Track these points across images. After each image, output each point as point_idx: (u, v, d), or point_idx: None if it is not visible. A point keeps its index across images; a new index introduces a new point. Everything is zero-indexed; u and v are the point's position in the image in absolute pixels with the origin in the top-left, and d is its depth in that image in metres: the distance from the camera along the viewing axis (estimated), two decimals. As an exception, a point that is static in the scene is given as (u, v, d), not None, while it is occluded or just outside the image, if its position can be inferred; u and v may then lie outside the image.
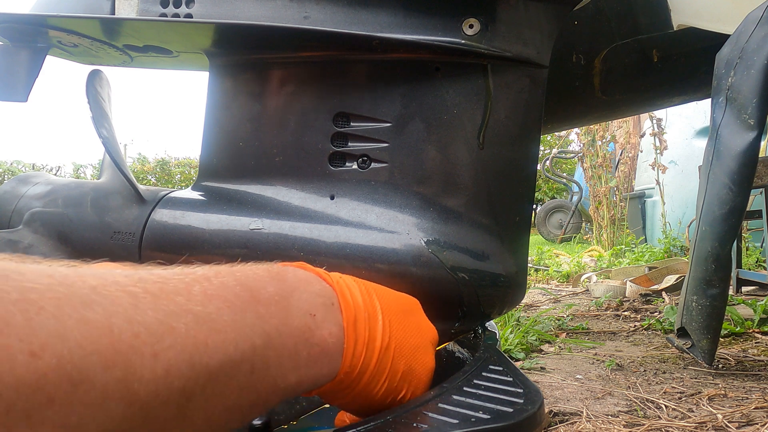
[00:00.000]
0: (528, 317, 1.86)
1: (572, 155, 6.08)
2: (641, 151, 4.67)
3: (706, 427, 0.92)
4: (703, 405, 1.02)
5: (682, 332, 1.17)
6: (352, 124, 0.61)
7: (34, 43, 0.65)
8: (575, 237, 5.63)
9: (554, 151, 6.44)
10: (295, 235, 0.59)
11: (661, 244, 3.57)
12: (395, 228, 0.57)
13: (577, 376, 1.25)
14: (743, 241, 2.47)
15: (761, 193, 1.99)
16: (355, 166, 0.60)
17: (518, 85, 0.60)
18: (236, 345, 0.30)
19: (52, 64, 0.71)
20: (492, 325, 0.69)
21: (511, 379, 0.46)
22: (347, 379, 0.38)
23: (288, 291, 0.36)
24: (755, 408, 0.98)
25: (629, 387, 1.16)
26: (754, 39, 0.88)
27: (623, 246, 4.01)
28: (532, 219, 2.00)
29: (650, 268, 2.70)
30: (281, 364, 0.33)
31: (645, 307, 2.10)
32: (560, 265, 3.42)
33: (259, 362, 0.31)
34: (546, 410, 1.01)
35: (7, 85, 0.63)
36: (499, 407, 0.41)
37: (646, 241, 4.22)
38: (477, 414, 0.39)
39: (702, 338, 1.09)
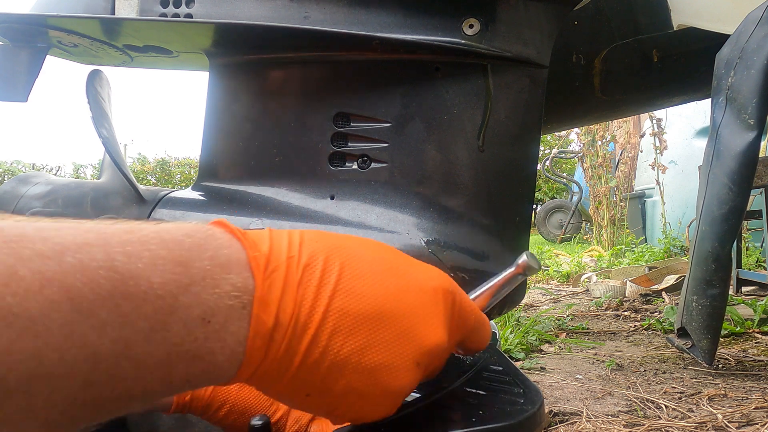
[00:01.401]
0: (528, 317, 1.86)
1: (572, 155, 6.08)
2: (641, 151, 4.67)
3: (706, 427, 0.92)
4: (703, 405, 1.02)
5: (682, 332, 1.17)
6: (352, 124, 0.61)
7: (34, 43, 0.65)
8: (575, 237, 5.63)
9: (554, 151, 6.44)
10: (295, 235, 0.59)
11: (661, 244, 3.57)
12: (395, 228, 0.57)
13: (577, 376, 1.25)
14: (743, 241, 2.47)
15: (761, 193, 1.99)
16: (355, 166, 0.61)
17: (518, 85, 0.60)
18: (62, 354, 0.24)
19: (52, 64, 0.71)
20: (492, 325, 0.69)
21: (511, 379, 0.46)
22: (248, 384, 0.33)
23: (184, 283, 0.28)
24: (755, 408, 0.98)
25: (629, 387, 1.16)
26: (754, 39, 0.88)
27: (623, 246, 4.01)
28: (532, 219, 2.00)
29: (650, 268, 2.70)
30: (140, 376, 0.27)
31: (645, 307, 2.10)
32: (560, 265, 3.42)
33: (103, 373, 0.26)
34: (546, 410, 1.01)
35: (7, 85, 0.63)
36: (499, 407, 0.41)
37: (646, 241, 4.22)
38: (477, 414, 0.40)
39: (702, 338, 1.10)
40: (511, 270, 0.47)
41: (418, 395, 0.50)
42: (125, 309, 0.26)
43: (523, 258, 0.47)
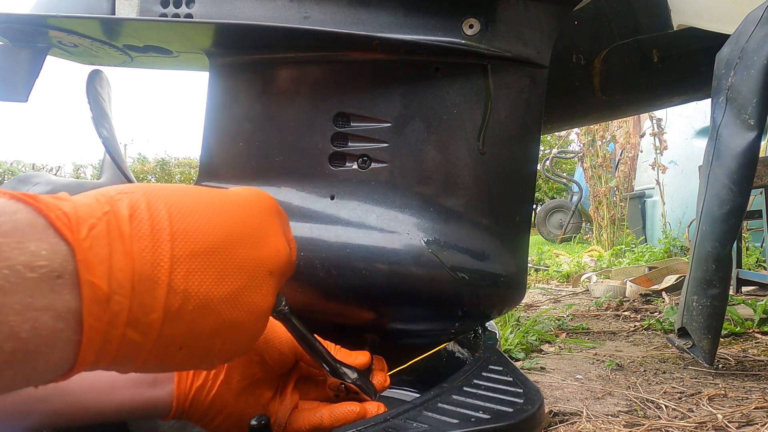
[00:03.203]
0: (528, 317, 1.86)
1: (572, 155, 6.08)
2: (641, 151, 4.67)
3: (706, 427, 0.92)
4: (703, 405, 1.02)
5: (683, 332, 1.17)
6: (352, 124, 0.61)
7: (35, 43, 0.65)
8: (575, 237, 5.63)
9: (554, 151, 6.44)
10: (295, 235, 0.59)
11: (661, 244, 3.57)
12: (395, 228, 0.58)
13: (577, 376, 1.25)
14: (743, 241, 2.47)
15: (761, 193, 1.98)
16: (355, 166, 0.60)
17: (518, 85, 0.60)
18: None
19: (52, 64, 0.71)
20: (492, 325, 0.69)
21: (511, 379, 0.46)
22: (103, 362, 0.29)
23: None
24: (755, 408, 0.98)
25: (629, 387, 1.16)
26: (754, 39, 0.88)
27: (623, 246, 4.01)
28: (532, 219, 2.00)
29: (650, 268, 2.70)
30: None
31: (645, 307, 2.10)
32: (560, 265, 3.42)
33: None
34: (546, 410, 1.01)
35: (8, 85, 0.63)
36: (499, 407, 0.41)
37: (646, 241, 4.22)
38: (477, 414, 0.40)
39: (702, 338, 1.09)
40: None
41: (418, 395, 0.50)
42: None
43: None
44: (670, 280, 2.38)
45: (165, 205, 0.31)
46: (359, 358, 0.49)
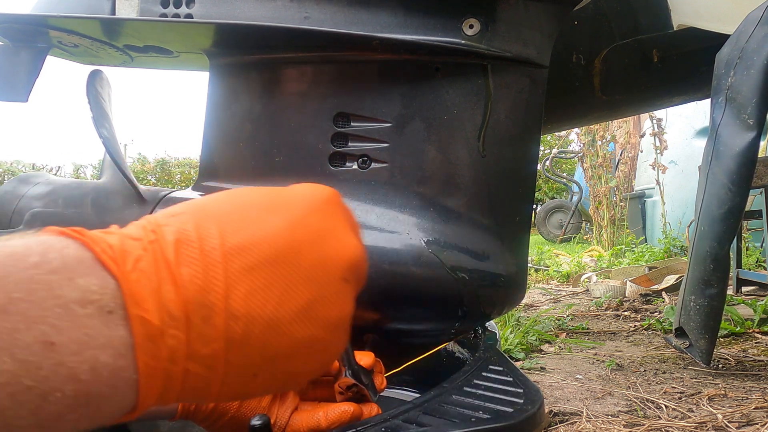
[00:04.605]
0: (528, 317, 1.86)
1: (572, 155, 6.08)
2: (641, 151, 4.67)
3: (706, 427, 0.92)
4: (703, 405, 1.02)
5: (680, 332, 1.17)
6: (352, 124, 0.61)
7: (35, 44, 0.65)
8: (575, 237, 5.62)
9: (554, 151, 6.44)
10: (296, 235, 0.59)
11: (661, 244, 3.57)
12: (396, 228, 0.58)
13: (577, 376, 1.25)
14: (743, 241, 2.47)
15: (761, 193, 1.98)
16: (355, 167, 0.61)
17: (518, 86, 0.60)
18: None
19: (53, 64, 0.72)
20: (492, 325, 0.69)
21: (511, 379, 0.46)
22: (170, 399, 0.27)
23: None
24: (755, 408, 0.98)
25: (629, 387, 1.16)
26: (754, 39, 0.88)
27: (623, 246, 4.01)
28: (532, 219, 2.00)
29: (650, 268, 2.70)
30: None
31: (645, 307, 2.10)
32: (560, 265, 3.42)
33: None
34: (546, 410, 1.01)
35: (8, 85, 0.63)
36: (499, 407, 0.41)
37: (646, 241, 4.22)
38: (477, 414, 0.40)
39: (700, 338, 1.10)
40: None
41: (418, 395, 0.50)
42: None
43: None
44: (670, 280, 2.38)
45: (215, 222, 0.29)
46: (365, 359, 0.49)
